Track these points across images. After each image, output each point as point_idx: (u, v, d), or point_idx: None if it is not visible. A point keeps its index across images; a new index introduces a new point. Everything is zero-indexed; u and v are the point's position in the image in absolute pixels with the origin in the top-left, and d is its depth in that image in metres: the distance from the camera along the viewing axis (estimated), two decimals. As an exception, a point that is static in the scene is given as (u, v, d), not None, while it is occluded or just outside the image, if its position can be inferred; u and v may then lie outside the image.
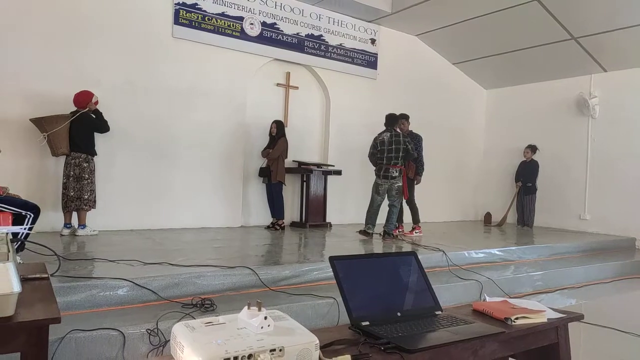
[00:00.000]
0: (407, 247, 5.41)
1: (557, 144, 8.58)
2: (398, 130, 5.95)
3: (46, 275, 1.75)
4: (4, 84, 5.15)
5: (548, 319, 1.87)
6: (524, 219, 8.44)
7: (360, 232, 6.01)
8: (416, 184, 6.48)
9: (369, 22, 7.98)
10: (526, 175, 8.48)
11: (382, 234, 5.93)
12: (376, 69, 8.17)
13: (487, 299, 2.10)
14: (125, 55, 5.89)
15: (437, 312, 1.80)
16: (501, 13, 7.10)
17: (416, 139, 6.43)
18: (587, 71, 8.11)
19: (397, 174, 5.81)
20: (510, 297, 2.22)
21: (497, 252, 5.50)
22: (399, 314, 1.71)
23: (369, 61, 8.09)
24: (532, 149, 8.54)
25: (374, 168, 6.05)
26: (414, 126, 6.67)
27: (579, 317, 2.02)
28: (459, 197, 9.49)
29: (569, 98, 8.47)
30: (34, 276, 1.71)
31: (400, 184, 5.85)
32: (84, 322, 2.59)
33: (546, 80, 8.76)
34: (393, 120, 5.95)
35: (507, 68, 8.75)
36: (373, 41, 8.10)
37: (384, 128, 6.02)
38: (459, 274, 4.57)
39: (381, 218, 6.08)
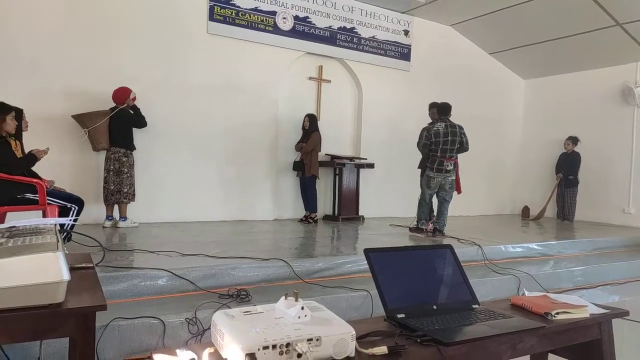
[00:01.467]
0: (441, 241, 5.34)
1: (600, 135, 8.25)
2: (459, 124, 5.65)
3: (92, 265, 1.83)
4: (48, 82, 5.36)
5: (591, 314, 1.81)
6: (564, 213, 8.17)
7: (413, 229, 5.77)
8: None
9: (402, 13, 7.87)
10: (567, 167, 8.19)
11: (432, 230, 5.69)
12: (409, 60, 8.06)
13: (526, 293, 2.06)
14: (162, 52, 6.03)
15: (474, 306, 1.77)
16: (540, 0, 6.86)
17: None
18: (633, 59, 7.74)
19: (452, 167, 5.52)
20: (550, 293, 2.16)
21: (536, 247, 5.36)
22: (435, 307, 1.70)
23: (402, 53, 7.98)
24: (573, 140, 8.24)
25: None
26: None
27: (623, 313, 1.95)
28: (494, 190, 9.27)
29: (612, 87, 8.11)
30: (80, 265, 1.78)
31: (454, 178, 5.56)
32: (126, 310, 2.68)
33: (588, 69, 8.41)
34: (447, 110, 5.62)
35: (547, 57, 8.45)
36: (406, 32, 7.98)
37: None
38: (495, 268, 4.48)
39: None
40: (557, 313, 1.74)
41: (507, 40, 8.37)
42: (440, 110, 5.67)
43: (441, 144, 5.48)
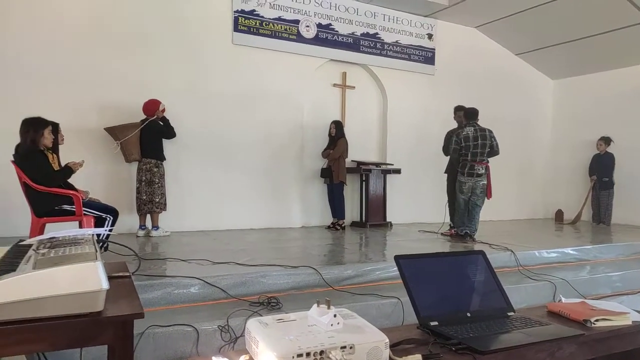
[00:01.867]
0: (472, 247, 5.25)
1: (634, 135, 7.97)
2: (488, 128, 5.64)
3: (128, 274, 1.88)
4: (82, 97, 5.55)
5: (633, 321, 1.75)
6: (600, 216, 7.92)
7: (455, 236, 5.75)
8: None
9: (425, 17, 7.83)
10: (601, 169, 7.95)
11: (463, 234, 5.63)
12: (434, 64, 8.00)
13: (563, 300, 2.00)
14: (189, 64, 6.17)
15: (509, 313, 1.74)
16: (568, -2, 6.72)
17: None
18: (668, 55, 7.49)
19: (483, 171, 5.51)
20: (588, 299, 2.10)
21: (571, 252, 5.20)
22: (468, 314, 1.67)
23: (426, 57, 7.93)
24: (606, 141, 8.00)
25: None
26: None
27: (668, 321, 1.87)
28: (525, 193, 9.05)
29: (647, 85, 7.85)
30: (117, 274, 1.83)
31: (486, 182, 5.54)
32: (160, 318, 2.74)
33: (619, 67, 8.16)
34: (475, 115, 5.63)
35: (576, 56, 8.25)
36: (430, 36, 7.94)
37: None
38: (529, 274, 4.37)
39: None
40: (597, 320, 1.69)
41: (534, 41, 8.21)
42: (468, 115, 5.66)
43: (471, 148, 5.46)
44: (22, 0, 5.31)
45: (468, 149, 5.50)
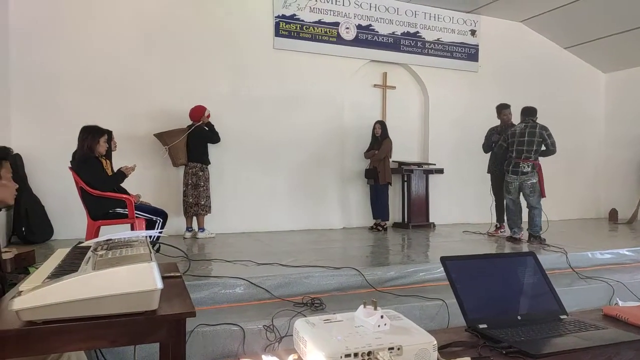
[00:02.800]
0: (518, 248, 5.09)
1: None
2: (537, 121, 5.38)
3: (179, 274, 1.95)
4: (133, 105, 5.81)
5: (698, 327, 1.65)
6: (658, 215, 7.48)
7: (508, 239, 5.58)
8: None
9: (467, 12, 7.67)
10: (659, 165, 7.51)
11: (528, 237, 5.42)
12: (477, 61, 7.82)
13: (620, 303, 1.91)
14: (232, 70, 6.32)
15: (561, 316, 1.68)
16: (621, -13, 6.41)
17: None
18: None
19: (529, 168, 5.24)
20: (647, 303, 1.99)
21: (628, 253, 4.95)
22: (519, 317, 1.63)
23: (469, 54, 7.76)
24: (665, 135, 7.55)
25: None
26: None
27: None
28: (576, 192, 8.67)
29: None
30: (169, 275, 1.91)
31: (535, 181, 5.26)
32: (208, 317, 2.82)
33: (680, 56, 7.70)
34: (529, 112, 5.41)
35: (629, 48, 7.83)
36: (473, 32, 7.76)
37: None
38: (582, 276, 4.19)
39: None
40: (658, 325, 1.60)
41: (584, 33, 7.86)
42: (523, 112, 5.48)
43: (516, 144, 5.28)
44: (79, 18, 5.62)
45: (513, 145, 5.33)
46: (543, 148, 5.31)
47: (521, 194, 5.39)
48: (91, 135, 4.02)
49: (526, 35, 8.16)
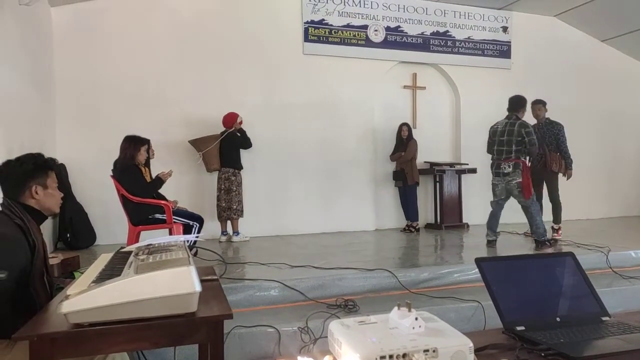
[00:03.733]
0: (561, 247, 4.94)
1: None
2: (520, 116, 4.97)
3: (216, 277, 2.00)
4: (169, 113, 5.99)
5: None
6: None
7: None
8: (567, 179, 5.67)
9: (498, 9, 7.52)
10: None
11: (535, 245, 5.00)
12: (510, 57, 7.65)
13: (666, 305, 1.84)
14: (263, 76, 6.42)
15: (603, 318, 1.63)
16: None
17: (556, 128, 5.60)
18: None
19: (511, 169, 4.82)
20: (697, 304, 1.91)
21: (674, 252, 4.73)
22: (558, 319, 1.59)
23: (501, 51, 7.60)
24: None
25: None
26: (555, 114, 6.00)
27: None
28: (618, 189, 8.34)
29: None
30: (207, 278, 1.96)
31: (520, 180, 4.79)
32: (244, 319, 2.87)
33: None
34: (515, 104, 5.00)
35: (674, 37, 7.50)
36: (505, 29, 7.60)
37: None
38: (625, 277, 4.04)
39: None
40: None
41: (621, 24, 7.57)
42: (509, 104, 5.07)
43: (496, 144, 4.93)
44: (117, 29, 5.85)
45: (493, 145, 4.99)
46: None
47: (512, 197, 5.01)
48: (133, 144, 4.18)
49: (560, 30, 7.93)
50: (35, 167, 1.98)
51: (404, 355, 1.14)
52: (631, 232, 6.43)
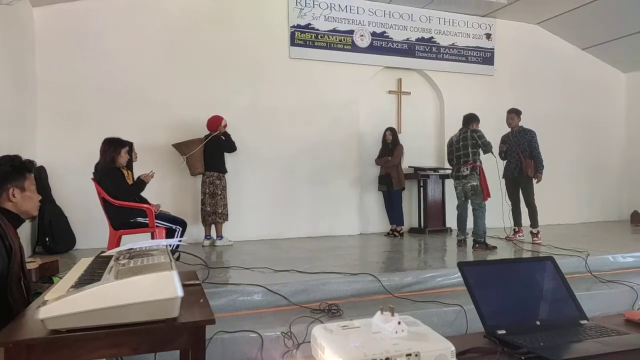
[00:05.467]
0: (530, 252, 5.01)
1: None
2: (473, 128, 5.45)
3: (198, 282, 1.98)
4: (152, 114, 5.93)
5: None
6: (682, 218, 7.31)
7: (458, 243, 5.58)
8: (537, 182, 5.87)
9: (482, 16, 7.63)
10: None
11: (473, 244, 5.34)
12: (493, 64, 7.77)
13: (643, 308, 1.88)
14: (249, 80, 6.41)
15: (582, 321, 1.66)
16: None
17: (529, 135, 5.86)
18: None
19: (468, 171, 5.31)
20: (672, 307, 1.96)
21: (651, 256, 4.84)
22: (538, 322, 1.61)
23: (485, 57, 7.71)
24: (688, 136, 7.38)
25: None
26: (537, 120, 6.13)
27: None
28: (597, 194, 8.51)
29: None
30: (189, 283, 1.94)
31: (475, 183, 5.27)
32: (226, 324, 2.85)
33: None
34: (468, 120, 5.55)
35: (650, 46, 7.69)
36: (488, 36, 7.72)
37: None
38: (603, 280, 4.11)
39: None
40: (683, 330, 1.57)
41: (602, 33, 7.75)
42: (463, 121, 5.61)
43: (455, 151, 5.46)
44: (101, 31, 5.78)
45: (452, 154, 5.51)
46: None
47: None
48: (113, 147, 4.12)
49: (542, 38, 8.08)
50: (13, 169, 1.93)
51: (387, 360, 1.14)
52: (610, 236, 6.55)
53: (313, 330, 1.33)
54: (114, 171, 4.10)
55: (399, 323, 1.25)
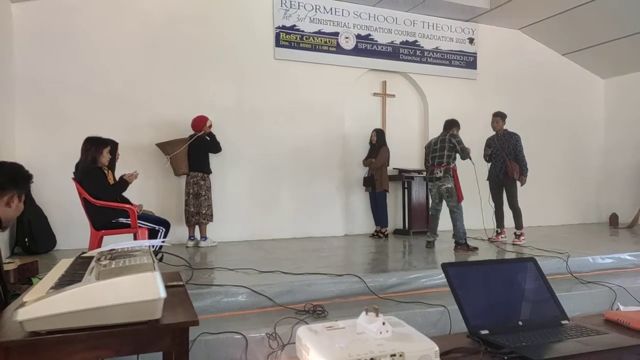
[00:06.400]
0: (512, 253, 5.09)
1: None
2: (452, 133, 5.55)
3: (182, 283, 1.96)
4: (136, 114, 5.86)
5: (698, 331, 1.65)
6: (658, 220, 7.49)
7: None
8: (521, 185, 5.96)
9: (466, 21, 7.73)
10: (658, 170, 7.53)
11: (454, 246, 5.39)
12: (476, 68, 7.86)
13: (622, 308, 1.92)
14: (234, 81, 6.38)
15: (563, 322, 1.69)
16: (618, -7, 6.45)
17: (514, 139, 5.94)
18: None
19: (442, 173, 5.37)
20: (649, 307, 2.00)
21: (628, 257, 4.94)
22: (520, 322, 1.63)
23: (468, 61, 7.81)
24: (664, 140, 7.58)
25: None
26: (519, 124, 6.23)
27: None
28: (577, 197, 8.69)
29: None
30: (172, 284, 1.92)
31: (450, 185, 5.31)
32: (211, 325, 2.82)
33: (678, 62, 7.74)
34: (448, 125, 5.66)
35: (628, 53, 7.88)
36: (471, 40, 7.82)
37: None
38: (583, 281, 4.19)
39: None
40: (659, 329, 1.61)
41: (582, 39, 7.92)
42: (444, 126, 5.72)
43: (431, 153, 5.55)
44: (84, 28, 5.70)
45: (428, 155, 5.61)
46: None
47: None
48: (95, 146, 4.05)
49: (524, 43, 8.21)
50: (27, 177, 2.04)
51: (371, 360, 1.14)
52: (590, 238, 6.69)
53: (298, 331, 1.33)
54: (95, 171, 4.03)
55: (384, 324, 1.26)
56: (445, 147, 5.41)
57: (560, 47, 8.38)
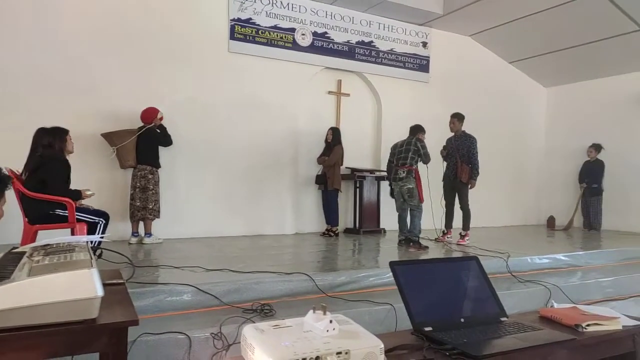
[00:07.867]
0: (457, 253, 5.27)
1: (625, 142, 8.09)
2: (418, 137, 5.82)
3: (122, 281, 1.88)
4: (81, 102, 5.55)
5: (623, 326, 1.77)
6: (590, 222, 8.00)
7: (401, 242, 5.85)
8: (470, 188, 6.13)
9: (420, 25, 7.91)
10: (591, 175, 8.04)
11: (406, 242, 5.64)
12: (428, 72, 8.07)
13: (555, 305, 2.03)
14: (186, 72, 6.19)
15: (502, 319, 1.76)
16: (561, 8, 6.81)
17: (469, 140, 6.07)
18: (658, 64, 7.60)
19: (404, 174, 5.63)
20: (579, 304, 2.12)
21: (563, 258, 5.24)
22: (462, 319, 1.69)
23: (421, 65, 8.00)
24: (596, 148, 8.09)
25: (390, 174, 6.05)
26: (467, 129, 6.42)
27: (658, 326, 1.89)
28: (519, 200, 9.13)
29: (636, 93, 7.98)
30: (111, 282, 1.83)
31: (411, 186, 5.60)
32: (152, 325, 2.71)
33: (611, 75, 8.29)
34: (413, 130, 5.94)
35: (569, 64, 8.36)
36: (424, 44, 8.01)
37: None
38: (521, 280, 4.39)
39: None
40: (588, 325, 1.71)
41: (527, 49, 8.31)
42: (410, 131, 5.98)
43: (396, 154, 5.80)
44: (26, 8, 5.31)
45: (394, 156, 5.83)
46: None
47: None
48: (58, 136, 3.86)
49: (474, 49, 8.52)
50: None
51: (317, 358, 1.14)
52: (529, 239, 7.03)
53: (243, 330, 1.31)
54: (64, 163, 3.86)
55: (331, 322, 1.26)
56: (410, 150, 5.65)
57: (507, 55, 8.76)
